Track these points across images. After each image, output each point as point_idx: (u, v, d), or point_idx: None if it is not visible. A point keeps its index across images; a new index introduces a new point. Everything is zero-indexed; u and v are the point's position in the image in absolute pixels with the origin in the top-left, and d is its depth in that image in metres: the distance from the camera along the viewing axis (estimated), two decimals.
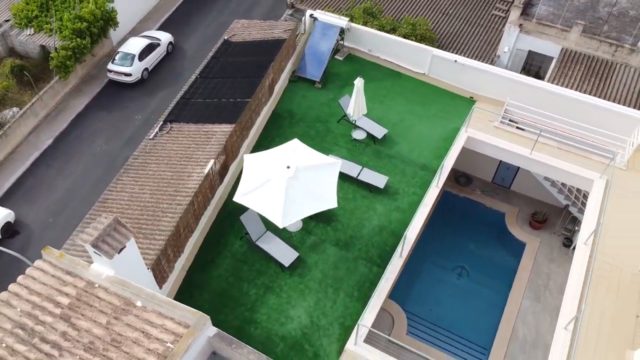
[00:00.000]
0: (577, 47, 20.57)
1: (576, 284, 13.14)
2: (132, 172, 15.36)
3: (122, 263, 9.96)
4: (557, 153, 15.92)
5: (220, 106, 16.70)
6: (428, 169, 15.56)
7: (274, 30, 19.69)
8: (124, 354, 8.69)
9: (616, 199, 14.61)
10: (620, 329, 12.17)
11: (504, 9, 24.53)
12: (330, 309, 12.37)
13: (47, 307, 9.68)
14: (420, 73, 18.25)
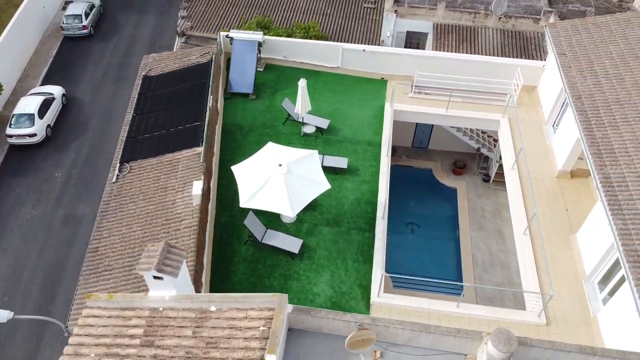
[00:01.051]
0: (445, 20, 24.51)
1: (517, 199, 16.37)
2: (110, 216, 15.60)
3: (180, 281, 10.78)
4: (465, 106, 19.29)
5: (173, 135, 17.44)
6: (373, 144, 17.95)
7: (190, 57, 20.70)
8: (227, 349, 9.68)
9: (517, 129, 18.28)
10: (559, 222, 15.59)
11: (373, 1, 27.94)
12: (345, 276, 14.15)
13: (123, 342, 10.23)
14: (335, 67, 20.61)
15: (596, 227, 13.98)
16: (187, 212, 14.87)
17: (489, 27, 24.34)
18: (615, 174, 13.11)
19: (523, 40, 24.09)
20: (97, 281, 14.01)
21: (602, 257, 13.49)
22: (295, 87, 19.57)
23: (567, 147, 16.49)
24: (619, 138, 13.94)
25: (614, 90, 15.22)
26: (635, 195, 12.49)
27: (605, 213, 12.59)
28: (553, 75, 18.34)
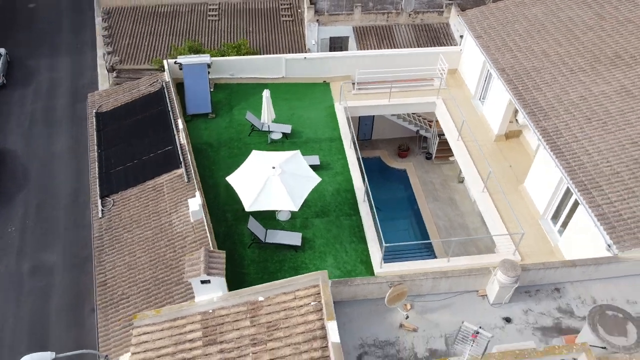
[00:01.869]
0: (362, 23, 26.92)
1: (469, 164, 18.83)
2: (107, 249, 15.85)
3: (223, 281, 11.69)
4: (404, 95, 21.62)
5: (148, 162, 17.91)
6: (334, 139, 19.64)
7: (139, 88, 21.14)
8: (288, 328, 10.82)
9: (451, 106, 20.93)
10: (507, 176, 18.23)
11: (290, 14, 29.76)
12: (346, 257, 15.64)
13: (185, 347, 11.03)
14: (280, 77, 22.07)
15: (540, 174, 16.72)
16: (188, 229, 15.59)
17: (401, 24, 27.11)
18: (549, 125, 15.88)
19: (432, 31, 27.13)
20: (117, 310, 14.30)
21: (551, 197, 16.21)
22: (248, 101, 21.02)
23: (499, 114, 19.30)
24: (543, 97, 16.80)
25: (529, 60, 18.20)
26: (569, 139, 15.28)
27: (550, 158, 15.26)
28: (472, 56, 21.21)
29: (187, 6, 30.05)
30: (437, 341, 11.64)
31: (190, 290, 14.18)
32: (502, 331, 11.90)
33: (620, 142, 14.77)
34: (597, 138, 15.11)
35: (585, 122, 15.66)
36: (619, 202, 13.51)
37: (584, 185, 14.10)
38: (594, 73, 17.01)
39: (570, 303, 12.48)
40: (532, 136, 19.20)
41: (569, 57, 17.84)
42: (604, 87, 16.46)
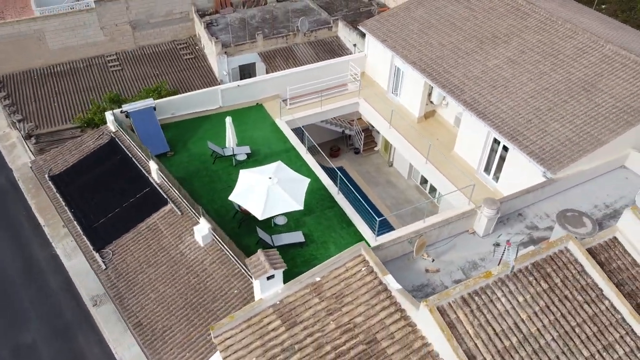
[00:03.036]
0: (266, 48, 29.42)
1: (406, 146, 22.29)
2: (127, 294, 16.34)
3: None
4: (330, 101, 24.57)
5: (131, 208, 18.47)
6: (290, 150, 21.87)
7: (86, 144, 21.31)
8: (353, 292, 12.89)
9: (372, 103, 24.40)
10: (439, 147, 22.01)
11: (190, 52, 31.20)
12: (344, 240, 17.98)
13: (271, 336, 12.59)
14: (217, 107, 23.67)
15: (467, 138, 20.70)
16: (202, 253, 16.75)
17: (299, 43, 30.14)
18: (467, 97, 19.89)
19: (326, 45, 30.57)
20: (165, 342, 15.02)
21: (481, 154, 20.21)
22: (197, 135, 22.41)
23: (417, 100, 23.13)
24: (454, 77, 20.85)
25: (431, 52, 22.26)
26: (486, 104, 19.36)
27: (475, 122, 19.20)
28: (378, 58, 24.89)
29: (83, 61, 29.95)
30: (456, 274, 14.57)
31: (230, 302, 15.52)
32: (496, 253, 15.21)
33: (523, 99, 19.22)
34: (505, 99, 19.42)
35: (492, 89, 19.95)
36: (538, 140, 17.77)
37: (510, 134, 18.19)
38: (483, 52, 21.53)
39: (533, 221, 16.28)
40: (447, 112, 23.33)
41: (459, 43, 22.23)
42: (495, 61, 21.00)
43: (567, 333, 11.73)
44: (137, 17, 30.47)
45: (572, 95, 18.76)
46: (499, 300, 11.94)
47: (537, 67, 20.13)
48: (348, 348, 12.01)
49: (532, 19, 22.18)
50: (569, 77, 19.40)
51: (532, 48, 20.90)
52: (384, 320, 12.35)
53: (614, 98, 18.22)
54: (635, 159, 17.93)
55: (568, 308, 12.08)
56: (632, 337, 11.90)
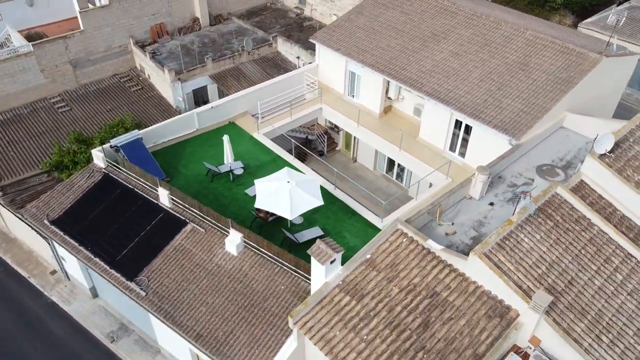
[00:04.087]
0: (215, 70, 30.62)
1: (376, 139, 24.89)
2: (176, 312, 17.09)
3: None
4: (296, 110, 26.51)
5: (150, 235, 19.06)
6: (276, 159, 23.51)
7: (78, 184, 21.35)
8: (403, 260, 15.07)
9: (334, 107, 26.78)
10: (405, 136, 24.88)
11: (136, 83, 31.44)
12: (355, 228, 20.09)
13: (345, 310, 14.43)
14: (194, 130, 24.61)
15: (430, 124, 23.76)
16: (238, 261, 17.96)
17: (245, 62, 31.66)
18: (428, 88, 22.91)
19: (270, 61, 32.43)
20: (231, 345, 16.10)
21: (445, 135, 23.34)
22: (185, 159, 23.27)
23: (376, 98, 25.86)
24: (410, 73, 23.83)
25: (383, 54, 25.10)
26: (444, 92, 22.49)
27: (437, 109, 22.30)
28: (331, 66, 27.26)
29: (26, 107, 29.03)
30: (470, 232, 17.30)
31: (281, 297, 16.99)
32: (493, 210, 18.21)
33: (474, 83, 22.65)
34: (460, 85, 22.73)
35: (446, 79, 23.20)
36: (498, 115, 21.21)
37: (474, 114, 21.47)
38: (428, 49, 24.80)
39: (511, 180, 19.55)
40: (403, 105, 26.31)
41: (405, 44, 25.33)
42: (441, 55, 24.33)
43: (577, 255, 14.88)
44: (77, 56, 30.13)
45: (513, 75, 22.53)
46: (523, 241, 14.81)
47: (477, 56, 23.75)
48: (416, 304, 14.18)
49: (460, 16, 25.90)
50: (505, 61, 23.20)
51: (468, 41, 24.53)
52: (437, 276, 14.69)
53: (545, 73, 22.24)
54: (570, 120, 22.02)
55: (572, 237, 15.27)
56: (621, 250, 15.34)
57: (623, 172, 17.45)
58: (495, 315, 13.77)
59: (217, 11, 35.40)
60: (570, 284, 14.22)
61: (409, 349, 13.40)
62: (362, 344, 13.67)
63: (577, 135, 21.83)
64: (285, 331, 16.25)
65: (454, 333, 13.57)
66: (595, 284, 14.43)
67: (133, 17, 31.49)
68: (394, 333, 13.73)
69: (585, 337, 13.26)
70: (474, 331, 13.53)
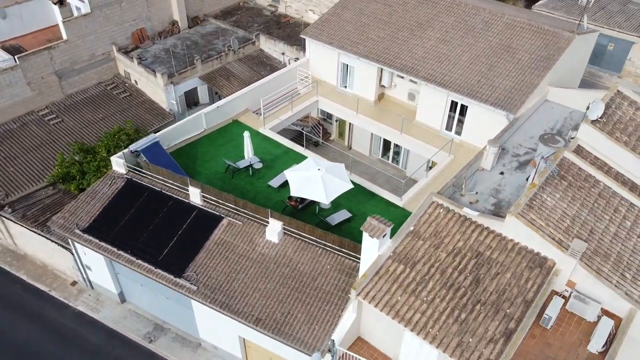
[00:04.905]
0: (205, 71, 31.07)
1: (374, 125, 26.44)
2: (232, 301, 17.95)
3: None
4: (296, 103, 27.60)
5: (188, 233, 19.72)
6: (288, 151, 24.61)
7: (102, 192, 21.59)
8: (445, 227, 16.68)
9: (330, 98, 28.10)
10: (404, 120, 26.53)
11: (123, 90, 31.40)
12: (377, 208, 21.57)
13: (403, 276, 15.88)
14: (202, 130, 25.22)
15: (427, 106, 25.56)
16: (280, 247, 19.01)
17: (231, 61, 32.32)
18: (424, 73, 24.65)
19: (255, 59, 33.22)
20: (291, 325, 17.20)
21: (442, 116, 25.21)
22: (198, 158, 23.93)
23: (371, 86, 27.37)
24: (404, 60, 25.47)
25: (375, 44, 26.60)
26: (440, 76, 24.31)
27: (434, 91, 24.11)
28: (322, 60, 28.49)
29: (16, 121, 28.45)
30: (489, 199, 19.16)
31: (330, 275, 18.23)
32: (505, 179, 20.18)
33: (465, 66, 24.59)
34: (453, 69, 24.61)
35: (439, 64, 25.04)
36: (493, 93, 23.25)
37: (471, 94, 23.41)
38: (417, 36, 26.55)
39: (514, 151, 21.61)
40: (396, 91, 27.94)
41: (394, 34, 26.95)
42: (429, 42, 26.14)
43: (592, 209, 17.03)
44: (62, 66, 29.72)
45: (499, 56, 24.67)
46: (546, 200, 16.79)
47: (464, 41, 25.73)
48: (464, 265, 15.85)
49: (440, 5, 27.81)
50: (489, 44, 25.31)
51: (452, 27, 26.47)
52: (478, 239, 16.43)
53: (527, 52, 24.51)
54: (553, 93, 24.42)
55: (584, 194, 17.42)
56: (625, 201, 17.65)
57: (613, 134, 19.89)
58: (535, 266, 15.67)
59: (193, 13, 35.68)
60: (592, 233, 16.34)
61: (467, 304, 15.06)
62: (424, 305, 15.19)
63: (560, 107, 24.26)
64: (339, 306, 17.55)
65: (503, 285, 15.35)
66: (610, 231, 16.64)
67: (114, 24, 31.35)
68: (450, 292, 15.35)
69: (612, 276, 15.39)
70: (520, 281, 15.37)
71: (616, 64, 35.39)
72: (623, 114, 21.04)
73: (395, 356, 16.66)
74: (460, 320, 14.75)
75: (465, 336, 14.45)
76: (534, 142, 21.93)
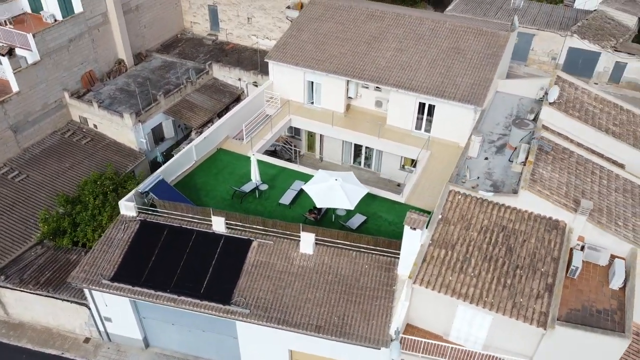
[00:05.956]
0: (167, 105, 31.04)
1: (352, 134, 28.38)
2: (287, 316, 18.80)
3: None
4: (273, 124, 28.73)
5: (221, 261, 20.15)
6: (284, 169, 25.68)
7: (116, 237, 21.24)
8: (468, 211, 18.99)
9: (300, 115, 29.65)
10: (376, 125, 28.73)
11: (82, 136, 30.39)
12: (384, 207, 23.46)
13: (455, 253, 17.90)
14: (193, 163, 25.51)
15: (397, 110, 28.00)
16: (316, 257, 20.17)
17: (190, 92, 32.54)
18: (392, 81, 27.07)
19: (212, 87, 33.72)
20: (350, 326, 18.45)
21: (412, 117, 27.77)
22: (200, 189, 24.32)
23: (340, 99, 29.29)
24: (370, 71, 27.74)
25: (339, 60, 28.56)
26: (406, 81, 26.87)
27: (403, 96, 26.64)
28: (287, 80, 29.90)
29: None
30: (486, 181, 21.83)
31: (371, 274, 19.76)
32: (491, 162, 23.01)
33: (427, 70, 27.40)
34: (417, 74, 27.28)
35: (403, 71, 27.63)
36: (458, 91, 26.21)
37: (439, 95, 26.20)
38: (374, 49, 28.97)
39: (488, 137, 24.62)
40: (362, 101, 30.05)
41: (353, 48, 29.15)
42: (388, 53, 28.68)
43: (577, 175, 20.29)
44: (17, 119, 28.16)
45: (453, 58, 27.82)
46: (543, 173, 19.76)
47: (418, 48, 28.62)
48: (495, 239, 18.26)
49: (387, 18, 30.56)
50: (441, 49, 28.42)
51: (404, 37, 29.28)
52: (499, 215, 18.95)
53: (475, 52, 27.92)
54: (502, 85, 28.06)
55: (567, 164, 20.69)
56: (596, 165, 21.19)
57: (568, 112, 23.65)
58: (552, 228, 18.48)
59: (136, 50, 35.32)
60: (584, 194, 19.55)
61: (508, 271, 17.44)
62: (474, 279, 17.34)
63: (510, 96, 27.93)
64: (387, 299, 19.13)
65: (531, 249, 17.95)
66: (595, 190, 20.01)
67: (64, 69, 30.32)
68: (491, 263, 17.65)
69: (610, 225, 18.63)
70: (544, 243, 18.07)
71: (522, 54, 40.56)
72: (568, 94, 24.98)
73: (446, 333, 18.62)
74: (508, 285, 17.09)
75: (517, 297, 16.80)
76: (502, 128, 25.20)
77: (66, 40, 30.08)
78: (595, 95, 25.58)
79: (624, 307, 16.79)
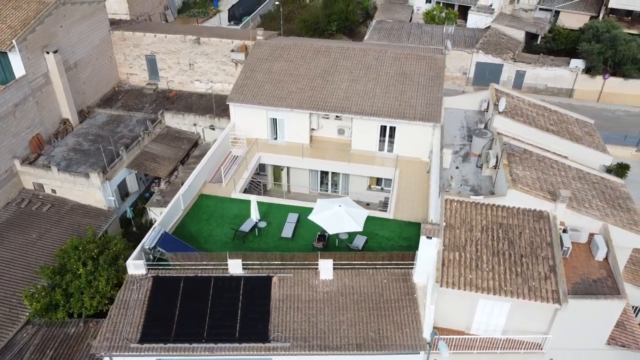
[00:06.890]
0: (129, 159, 30.40)
1: (321, 164, 29.92)
2: (328, 342, 19.57)
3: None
4: (248, 160, 29.39)
5: (247, 303, 20.48)
6: (271, 206, 26.45)
7: (132, 298, 20.73)
8: (471, 216, 21.30)
9: (266, 151, 30.67)
10: (345, 152, 30.52)
11: (49, 208, 28.76)
12: (377, 225, 25.17)
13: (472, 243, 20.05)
14: (181, 212, 25.41)
15: (361, 135, 30.04)
16: (336, 281, 21.26)
17: (148, 144, 32.10)
18: (353, 109, 29.15)
19: (168, 135, 33.50)
20: (387, 337, 19.73)
21: (377, 140, 29.97)
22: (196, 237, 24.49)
23: (304, 132, 30.76)
24: (333, 103, 29.62)
25: (299, 95, 30.13)
26: (368, 107, 29.09)
27: (366, 122, 28.84)
28: (249, 120, 30.81)
29: None
30: (466, 187, 24.46)
31: (391, 288, 21.27)
32: (462, 170, 25.75)
33: (382, 96, 29.87)
34: (375, 101, 29.63)
35: (362, 99, 29.85)
36: (415, 113, 28.90)
37: (400, 117, 28.69)
38: (329, 82, 30.97)
39: (453, 149, 27.44)
40: (324, 131, 31.68)
41: (309, 82, 30.92)
42: (343, 84, 30.81)
43: (542, 171, 23.56)
44: None
45: (403, 83, 30.62)
46: (517, 173, 22.72)
47: (369, 77, 31.11)
48: (496, 236, 20.71)
49: (333, 52, 32.82)
50: (390, 75, 31.15)
51: (354, 68, 31.65)
52: (493, 214, 21.48)
53: (421, 76, 31.00)
54: (449, 101, 31.33)
55: (532, 162, 23.93)
56: (551, 160, 24.70)
57: (514, 118, 27.26)
58: (539, 218, 21.37)
59: (78, 107, 34.10)
60: (552, 186, 22.80)
61: (515, 260, 19.90)
62: (490, 273, 19.56)
63: (457, 110, 31.31)
64: (412, 306, 20.70)
65: (528, 239, 20.62)
66: (559, 181, 23.39)
67: (12, 135, 28.66)
68: (500, 257, 20.02)
69: (581, 209, 21.95)
70: (537, 231, 20.85)
71: None
72: (508, 103, 28.72)
73: (468, 327, 20.60)
74: (519, 273, 19.54)
75: (529, 282, 19.27)
76: (459, 139, 28.26)
77: (12, 105, 28.54)
78: (529, 102, 29.69)
79: (612, 274, 19.96)
